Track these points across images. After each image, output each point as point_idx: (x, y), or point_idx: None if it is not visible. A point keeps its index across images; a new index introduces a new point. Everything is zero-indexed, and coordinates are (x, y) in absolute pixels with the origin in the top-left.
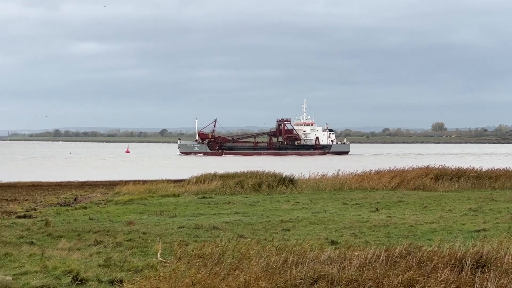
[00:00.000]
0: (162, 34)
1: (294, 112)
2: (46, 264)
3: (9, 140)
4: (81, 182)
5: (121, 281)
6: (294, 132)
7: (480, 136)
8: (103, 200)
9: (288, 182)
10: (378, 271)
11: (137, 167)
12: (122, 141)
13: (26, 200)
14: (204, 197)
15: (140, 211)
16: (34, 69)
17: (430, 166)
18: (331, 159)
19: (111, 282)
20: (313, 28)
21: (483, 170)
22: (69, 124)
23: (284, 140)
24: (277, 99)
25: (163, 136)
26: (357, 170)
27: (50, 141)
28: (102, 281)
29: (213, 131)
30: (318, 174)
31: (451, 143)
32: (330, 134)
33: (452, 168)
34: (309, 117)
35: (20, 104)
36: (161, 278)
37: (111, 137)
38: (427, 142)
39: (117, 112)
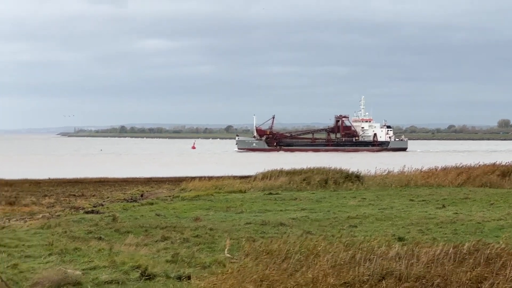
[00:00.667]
0: (229, 31)
1: (357, 109)
2: (115, 259)
3: (76, 136)
4: (147, 178)
5: (189, 277)
6: (352, 128)
7: None
8: (170, 196)
9: (354, 178)
10: (446, 267)
11: (203, 163)
12: (187, 137)
13: (93, 195)
14: (270, 193)
15: (206, 207)
16: (100, 66)
17: (497, 163)
18: (389, 156)
19: (179, 278)
20: (378, 25)
21: None
22: (134, 120)
23: (342, 137)
24: (340, 96)
25: (229, 133)
26: (422, 167)
27: (116, 137)
28: (170, 277)
29: (271, 128)
30: (384, 171)
31: None
32: (388, 130)
33: None
34: (367, 113)
35: (86, 101)
36: (229, 274)
37: (177, 133)
38: (493, 139)
39: (182, 109)
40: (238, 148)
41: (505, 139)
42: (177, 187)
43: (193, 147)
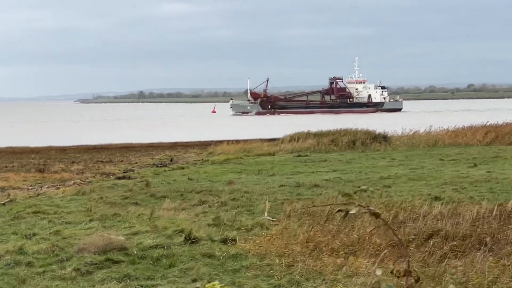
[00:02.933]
0: None
1: (377, 70)
2: (156, 224)
3: (94, 102)
4: (173, 143)
5: (234, 240)
6: (347, 90)
7: None
8: (199, 160)
9: (381, 139)
10: (492, 226)
11: (223, 126)
12: (206, 102)
13: (121, 161)
14: (299, 155)
15: (238, 171)
16: (120, 31)
17: None
18: (385, 117)
19: (224, 241)
20: None
21: None
22: (153, 86)
23: (337, 98)
24: (360, 57)
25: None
26: (449, 126)
27: (134, 103)
28: (214, 240)
29: (265, 91)
30: (411, 131)
31: None
32: (382, 91)
33: None
34: (361, 74)
35: (105, 67)
36: (274, 235)
37: (196, 97)
38: None
39: (201, 73)
40: (234, 112)
41: None
42: (204, 151)
43: (213, 111)
